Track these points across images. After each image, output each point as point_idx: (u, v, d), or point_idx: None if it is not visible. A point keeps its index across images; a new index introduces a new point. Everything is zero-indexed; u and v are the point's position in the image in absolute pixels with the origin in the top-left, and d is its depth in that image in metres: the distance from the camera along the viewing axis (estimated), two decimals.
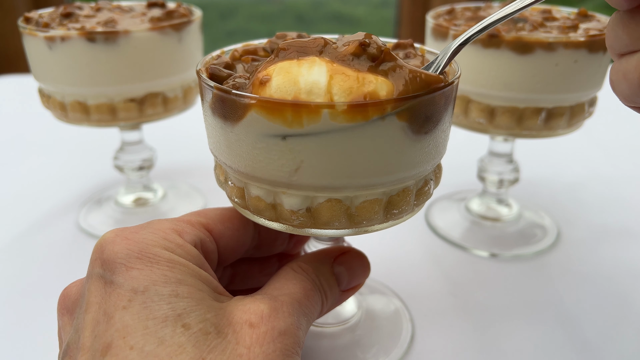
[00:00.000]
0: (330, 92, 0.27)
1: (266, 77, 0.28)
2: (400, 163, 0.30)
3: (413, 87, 0.28)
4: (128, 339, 0.26)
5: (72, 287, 0.31)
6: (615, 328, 0.42)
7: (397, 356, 0.39)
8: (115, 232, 0.30)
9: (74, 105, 0.49)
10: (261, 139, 0.28)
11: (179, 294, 0.27)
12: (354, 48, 0.28)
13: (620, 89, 0.27)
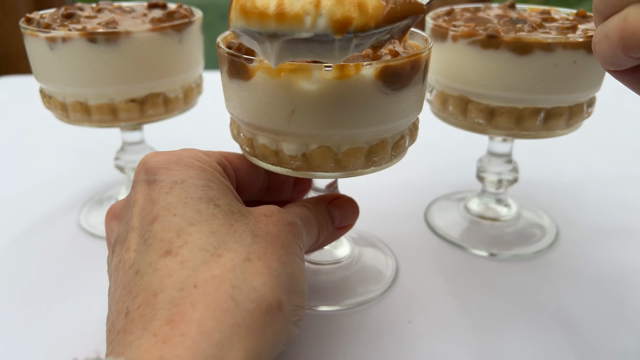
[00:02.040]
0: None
1: None
2: (377, 117, 0.37)
3: (400, 7, 0.28)
4: (171, 210, 0.32)
5: (119, 202, 0.38)
6: (614, 327, 0.42)
7: (382, 289, 0.47)
8: (154, 152, 0.37)
9: (75, 106, 0.49)
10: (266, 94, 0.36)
11: (210, 186, 0.34)
12: None
13: (601, 50, 0.27)
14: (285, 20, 0.26)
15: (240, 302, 0.28)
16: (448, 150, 0.74)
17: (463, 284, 0.47)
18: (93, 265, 0.50)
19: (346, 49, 0.28)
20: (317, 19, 0.26)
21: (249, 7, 0.27)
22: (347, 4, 0.26)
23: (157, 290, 0.28)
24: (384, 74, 0.36)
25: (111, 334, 0.29)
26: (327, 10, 0.26)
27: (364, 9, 0.27)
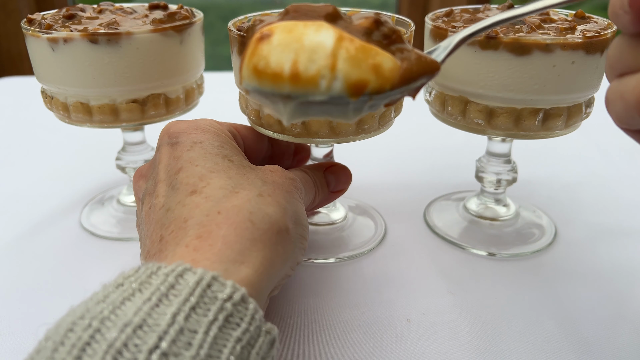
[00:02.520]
0: (335, 55, 0.25)
1: (267, 32, 0.27)
2: None
3: (416, 68, 0.28)
4: (193, 162, 0.37)
5: (144, 164, 0.44)
6: (613, 327, 0.42)
7: (372, 245, 0.53)
8: (175, 120, 0.43)
9: (77, 106, 0.50)
10: None
11: (224, 147, 0.40)
12: (368, 23, 0.27)
13: (616, 110, 0.27)
14: (300, 83, 0.26)
15: (256, 223, 0.33)
16: (447, 151, 0.74)
17: (462, 284, 0.47)
18: (94, 265, 0.50)
19: (360, 109, 0.28)
20: (333, 83, 0.26)
21: (261, 67, 0.26)
22: (363, 67, 0.26)
23: (186, 218, 0.33)
24: None
25: (147, 259, 0.34)
26: (343, 74, 0.25)
27: (380, 71, 0.26)
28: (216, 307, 0.26)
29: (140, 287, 0.27)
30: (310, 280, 0.48)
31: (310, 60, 0.25)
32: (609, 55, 0.27)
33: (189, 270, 0.28)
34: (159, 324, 0.24)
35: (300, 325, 0.42)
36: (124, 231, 0.55)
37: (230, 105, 0.65)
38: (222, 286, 0.27)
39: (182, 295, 0.26)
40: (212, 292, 0.27)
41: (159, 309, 0.25)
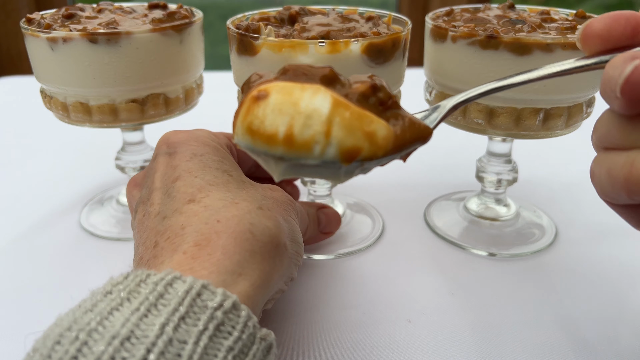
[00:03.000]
0: (330, 122, 0.26)
1: (263, 92, 0.26)
2: None
3: (409, 135, 0.28)
4: (192, 173, 0.36)
5: (139, 172, 0.43)
6: (613, 327, 0.42)
7: (369, 242, 0.54)
8: (174, 130, 0.42)
9: (76, 106, 0.50)
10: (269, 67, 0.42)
11: (224, 161, 0.39)
12: (365, 88, 0.27)
13: (602, 184, 0.27)
14: (294, 146, 0.26)
15: (257, 235, 0.33)
16: (447, 151, 0.74)
17: (462, 284, 0.47)
18: (94, 265, 0.50)
19: (351, 172, 0.28)
20: (327, 148, 0.26)
21: (256, 127, 0.26)
22: (357, 134, 0.26)
23: (184, 225, 0.33)
24: (369, 49, 0.43)
25: (139, 266, 0.33)
26: (337, 141, 0.25)
27: (374, 139, 0.26)
28: (206, 316, 0.26)
29: (128, 296, 0.26)
30: (310, 279, 0.48)
31: (306, 125, 0.25)
32: (597, 127, 0.28)
33: (179, 279, 0.27)
34: (147, 336, 0.24)
35: (300, 326, 0.42)
36: (123, 231, 0.55)
37: (230, 105, 0.65)
38: (212, 294, 0.27)
39: (171, 304, 0.26)
40: (202, 300, 0.26)
41: (147, 319, 0.25)
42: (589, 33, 0.28)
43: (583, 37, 0.28)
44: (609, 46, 0.28)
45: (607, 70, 0.25)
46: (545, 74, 0.29)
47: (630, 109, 0.25)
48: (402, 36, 0.46)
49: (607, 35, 0.27)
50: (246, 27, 0.45)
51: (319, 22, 0.48)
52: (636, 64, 0.24)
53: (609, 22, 0.27)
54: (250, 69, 0.45)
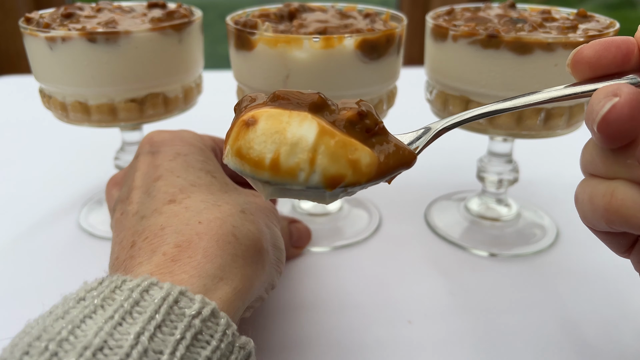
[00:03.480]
0: (315, 150, 0.26)
1: (252, 119, 0.27)
2: (358, 81, 0.45)
3: (393, 161, 0.29)
4: (175, 172, 0.36)
5: (119, 171, 0.42)
6: (615, 327, 0.42)
7: (366, 235, 0.54)
8: (158, 130, 0.41)
9: (75, 106, 0.49)
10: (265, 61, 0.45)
11: (208, 163, 0.38)
12: (352, 115, 0.28)
13: (583, 210, 0.27)
14: (279, 173, 0.27)
15: (239, 238, 0.32)
16: (448, 150, 0.74)
17: (463, 284, 0.47)
18: (93, 265, 0.50)
19: (336, 195, 0.28)
20: (311, 176, 0.27)
21: (244, 152, 0.27)
22: (341, 162, 0.27)
23: (163, 225, 0.32)
24: (362, 45, 0.43)
25: (115, 266, 0.32)
26: (321, 169, 0.26)
27: (357, 166, 0.27)
28: (184, 325, 0.25)
29: (102, 303, 0.25)
30: (308, 277, 0.48)
31: (291, 153, 0.26)
32: (582, 153, 0.28)
33: (155, 285, 0.26)
34: (121, 346, 0.23)
35: (300, 326, 0.42)
36: None
37: (230, 105, 0.65)
38: (190, 301, 0.26)
39: (147, 312, 0.25)
40: (179, 308, 0.25)
41: (121, 328, 0.24)
42: (578, 60, 0.28)
43: (573, 64, 0.28)
44: (599, 73, 0.27)
45: (590, 102, 0.25)
46: (533, 101, 0.29)
47: (607, 144, 0.25)
48: (397, 32, 0.46)
49: (596, 63, 0.27)
50: (244, 23, 0.46)
51: (317, 19, 0.48)
52: (614, 102, 0.24)
53: (599, 49, 0.27)
54: (248, 64, 0.46)
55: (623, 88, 0.24)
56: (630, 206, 0.24)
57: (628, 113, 0.23)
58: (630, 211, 0.24)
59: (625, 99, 0.24)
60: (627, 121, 0.24)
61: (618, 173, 0.25)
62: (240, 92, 0.51)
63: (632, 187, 0.25)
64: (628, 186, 0.25)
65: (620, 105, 0.24)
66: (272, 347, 0.40)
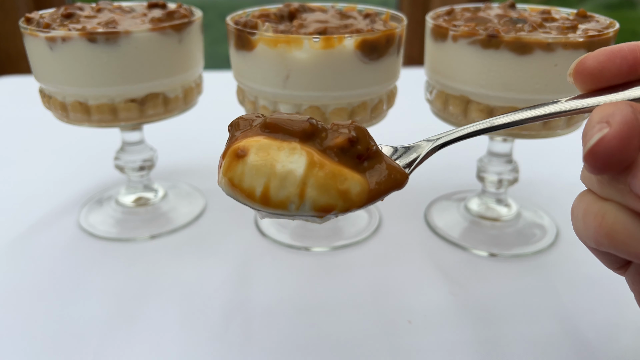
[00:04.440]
0: (304, 183, 0.27)
1: (242, 151, 0.27)
2: (358, 82, 0.45)
3: (384, 186, 0.28)
4: None
5: None
6: (615, 327, 0.42)
7: (365, 235, 0.54)
8: None
9: (75, 106, 0.49)
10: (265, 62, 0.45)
11: None
12: (343, 142, 0.28)
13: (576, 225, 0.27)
14: (270, 205, 0.27)
15: None
16: (448, 150, 0.74)
17: (463, 284, 0.47)
18: (93, 265, 0.50)
19: (328, 219, 0.29)
20: (301, 207, 0.27)
21: (235, 183, 0.27)
22: (331, 193, 0.27)
23: None
24: (362, 45, 0.44)
25: None
26: (311, 201, 0.27)
27: (348, 196, 0.27)
28: None
29: None
30: (308, 277, 0.48)
31: (281, 187, 0.27)
32: (582, 170, 0.27)
33: None
34: None
35: (300, 326, 0.42)
36: (122, 231, 0.55)
37: (229, 105, 0.65)
38: None
39: None
40: None
41: None
42: (580, 71, 0.26)
43: (575, 74, 0.27)
44: (602, 85, 0.26)
45: (586, 124, 0.24)
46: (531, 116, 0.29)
47: (593, 173, 0.24)
48: (397, 32, 0.46)
49: (599, 75, 0.26)
50: (244, 23, 0.46)
51: (317, 19, 0.48)
52: (602, 135, 0.23)
53: (603, 60, 0.26)
54: (248, 64, 0.46)
55: (616, 115, 0.23)
56: (619, 231, 0.24)
57: (616, 146, 0.22)
58: (619, 236, 0.24)
59: (614, 131, 0.22)
60: (615, 154, 0.23)
61: (610, 195, 0.25)
62: (240, 92, 0.51)
63: (623, 212, 0.24)
64: (619, 211, 0.24)
65: (608, 138, 0.22)
66: (272, 347, 0.40)
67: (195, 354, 0.40)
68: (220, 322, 0.43)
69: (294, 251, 0.52)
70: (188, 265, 0.50)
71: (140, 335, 0.41)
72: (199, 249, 0.52)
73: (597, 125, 0.23)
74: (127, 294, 0.46)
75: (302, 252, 0.52)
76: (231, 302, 0.45)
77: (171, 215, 0.58)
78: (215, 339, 0.41)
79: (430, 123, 0.57)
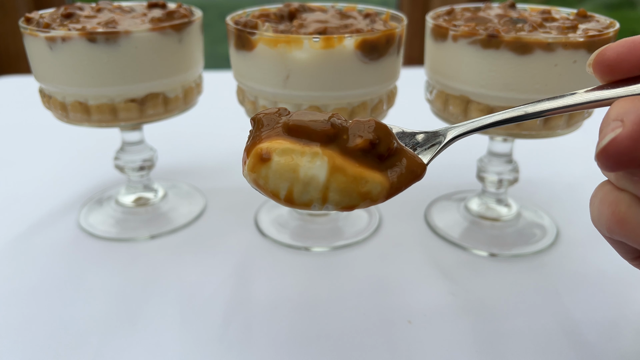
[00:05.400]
0: (327, 188, 0.28)
1: (266, 154, 0.28)
2: (358, 82, 0.45)
3: (404, 181, 0.29)
4: None
5: None
6: (614, 327, 0.42)
7: (365, 235, 0.54)
8: None
9: (75, 106, 0.49)
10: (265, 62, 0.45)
11: None
12: (364, 144, 0.28)
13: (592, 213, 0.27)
14: (294, 205, 0.29)
15: None
16: (448, 150, 0.74)
17: (463, 284, 0.47)
18: (93, 265, 0.50)
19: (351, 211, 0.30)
20: (324, 207, 0.28)
21: (261, 184, 0.29)
22: (352, 196, 0.28)
23: None
24: (362, 45, 0.44)
25: None
26: (334, 203, 0.28)
27: (369, 196, 0.28)
28: None
29: None
30: (308, 277, 0.48)
31: (304, 192, 0.28)
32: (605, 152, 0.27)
33: None
34: None
35: (300, 326, 0.42)
36: (122, 231, 0.55)
37: (229, 105, 0.65)
38: None
39: None
40: None
41: None
42: (600, 61, 0.26)
43: (594, 65, 0.27)
44: (622, 76, 0.26)
45: (603, 119, 0.25)
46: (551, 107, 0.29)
47: (606, 170, 0.25)
48: (397, 32, 0.46)
49: (618, 66, 0.26)
50: (244, 23, 0.46)
51: (317, 19, 0.48)
52: (615, 135, 0.23)
53: (622, 51, 0.26)
54: (248, 64, 0.46)
55: (631, 113, 0.23)
56: (631, 221, 0.24)
57: (628, 146, 0.23)
58: (630, 225, 0.24)
59: (627, 131, 0.23)
60: (627, 154, 0.23)
61: (625, 186, 0.25)
62: (240, 92, 0.51)
63: (636, 203, 0.24)
64: (632, 201, 0.25)
65: (620, 138, 0.23)
66: (272, 347, 0.40)
67: (195, 354, 0.40)
68: (220, 322, 0.43)
69: (294, 251, 0.52)
70: (188, 265, 0.50)
71: (140, 335, 0.41)
72: (199, 249, 0.52)
73: (612, 123, 0.24)
74: (127, 294, 0.46)
75: (302, 252, 0.52)
76: (231, 302, 0.45)
77: (171, 215, 0.58)
78: (215, 339, 0.41)
79: (430, 123, 0.57)
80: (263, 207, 0.59)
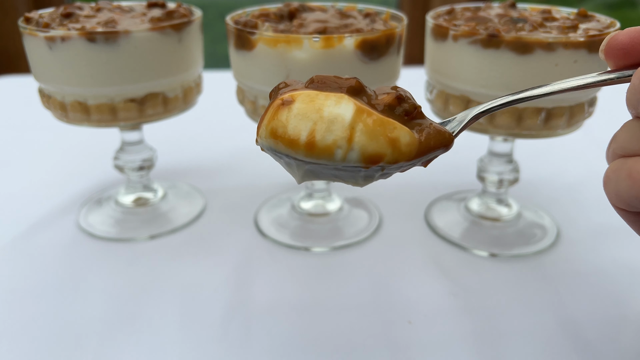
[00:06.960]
0: (353, 127, 0.26)
1: (289, 99, 0.27)
2: None
3: (433, 142, 0.28)
4: None
5: None
6: (615, 327, 0.42)
7: (365, 235, 0.54)
8: None
9: (74, 106, 0.49)
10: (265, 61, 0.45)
11: None
12: (391, 99, 0.27)
13: (618, 188, 0.26)
14: (315, 151, 0.26)
15: None
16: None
17: (464, 285, 0.47)
18: (92, 265, 0.50)
19: (371, 177, 0.28)
20: (349, 153, 0.26)
21: (279, 131, 0.27)
22: (380, 140, 0.26)
23: None
24: (362, 45, 0.43)
25: None
26: (359, 146, 0.26)
27: (397, 145, 0.26)
28: None
29: None
30: (308, 277, 0.48)
31: (328, 131, 0.26)
32: (617, 136, 0.27)
33: None
34: None
35: (300, 326, 0.42)
36: (121, 231, 0.55)
37: (229, 104, 0.65)
38: None
39: None
40: None
41: None
42: (613, 45, 0.27)
43: (607, 50, 0.27)
44: (633, 60, 0.27)
45: (633, 80, 0.25)
46: (568, 87, 0.28)
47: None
48: (397, 32, 0.46)
49: (632, 49, 0.26)
50: (244, 23, 0.46)
51: (316, 19, 0.48)
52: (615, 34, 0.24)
53: (636, 35, 0.26)
54: (248, 63, 0.46)
55: None
56: None
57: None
58: None
59: None
60: None
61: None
62: (240, 92, 0.51)
63: None
64: None
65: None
66: (272, 347, 0.40)
67: (195, 354, 0.39)
68: (220, 322, 0.42)
69: (294, 251, 0.52)
70: (188, 265, 0.50)
71: (140, 335, 0.41)
72: (199, 249, 0.52)
73: None
74: (127, 294, 0.46)
75: (302, 252, 0.52)
76: (231, 302, 0.45)
77: (171, 216, 0.58)
78: (215, 339, 0.41)
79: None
80: (263, 207, 0.59)
